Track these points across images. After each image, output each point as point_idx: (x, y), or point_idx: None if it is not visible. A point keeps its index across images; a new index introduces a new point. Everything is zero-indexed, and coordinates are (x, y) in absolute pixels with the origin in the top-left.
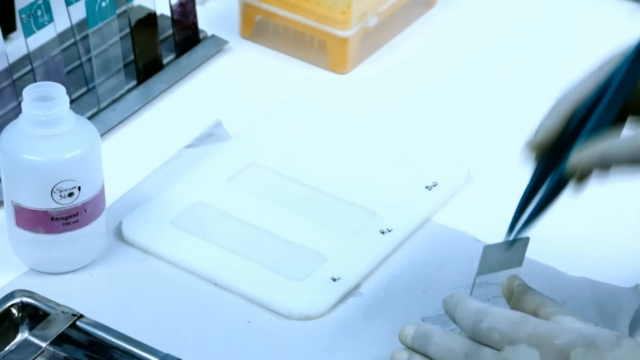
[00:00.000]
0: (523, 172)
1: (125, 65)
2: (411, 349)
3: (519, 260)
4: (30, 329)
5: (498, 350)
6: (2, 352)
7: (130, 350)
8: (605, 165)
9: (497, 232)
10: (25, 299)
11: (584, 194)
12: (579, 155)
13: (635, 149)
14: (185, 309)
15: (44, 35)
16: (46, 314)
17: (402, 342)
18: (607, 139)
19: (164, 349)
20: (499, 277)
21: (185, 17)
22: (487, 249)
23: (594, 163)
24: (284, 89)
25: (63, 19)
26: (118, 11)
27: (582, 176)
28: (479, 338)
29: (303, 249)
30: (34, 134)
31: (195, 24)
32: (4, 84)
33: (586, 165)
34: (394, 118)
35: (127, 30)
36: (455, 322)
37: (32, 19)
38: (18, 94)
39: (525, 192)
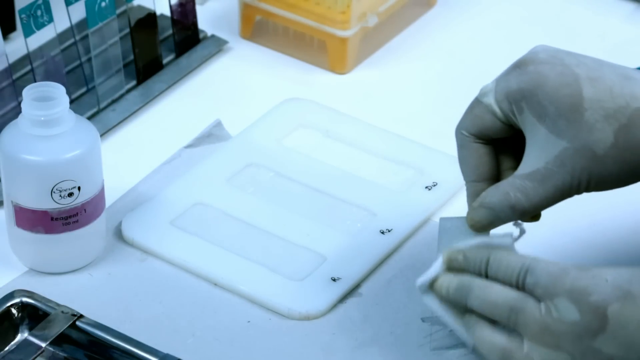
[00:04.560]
0: None
1: (125, 65)
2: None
3: (484, 236)
4: (30, 329)
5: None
6: (2, 352)
7: (130, 350)
8: (494, 224)
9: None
10: (25, 299)
11: (584, 194)
12: (473, 215)
13: (511, 208)
14: (185, 309)
15: (43, 35)
16: (46, 314)
17: (438, 294)
18: (489, 195)
19: (164, 349)
20: None
21: (185, 17)
22: (444, 220)
23: (486, 225)
24: (284, 89)
25: (63, 19)
26: (118, 11)
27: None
28: (522, 291)
29: (303, 249)
30: (34, 134)
31: (195, 24)
32: (4, 84)
33: (479, 227)
34: (394, 118)
35: (127, 30)
36: (487, 274)
37: (32, 19)
38: (18, 94)
39: None
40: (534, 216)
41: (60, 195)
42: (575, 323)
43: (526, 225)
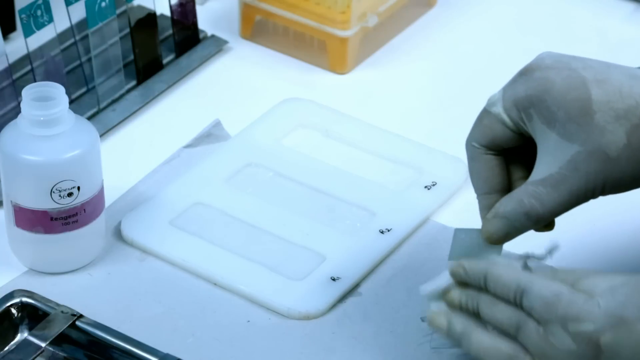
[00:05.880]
0: None
1: (125, 65)
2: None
3: (497, 249)
4: (30, 329)
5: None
6: (1, 352)
7: (130, 350)
8: (510, 236)
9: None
10: (24, 299)
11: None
12: (487, 228)
13: (525, 215)
14: (184, 309)
15: (43, 35)
16: (46, 314)
17: (450, 304)
18: (502, 205)
19: (164, 349)
20: None
21: (185, 17)
22: (459, 232)
23: (502, 238)
24: (284, 89)
25: (63, 19)
26: (118, 11)
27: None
28: (521, 310)
29: (302, 249)
30: (34, 134)
31: (195, 24)
32: (4, 84)
33: (495, 240)
34: (394, 118)
35: (127, 30)
36: (485, 289)
37: (32, 19)
38: (18, 94)
39: None
40: (547, 225)
41: (59, 195)
42: (571, 351)
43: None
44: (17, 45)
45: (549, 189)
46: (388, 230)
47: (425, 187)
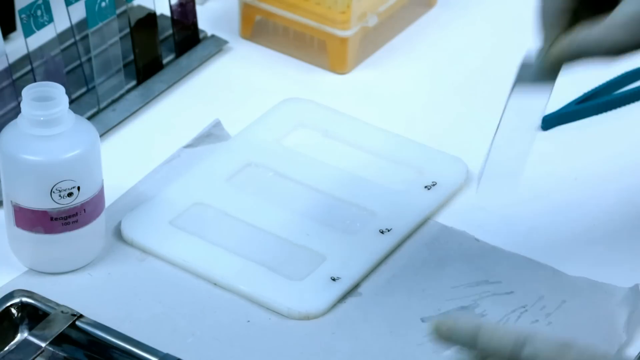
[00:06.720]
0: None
1: (125, 65)
2: None
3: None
4: (30, 328)
5: None
6: (1, 352)
7: (130, 350)
8: (580, 56)
9: (497, 232)
10: (24, 299)
11: (585, 194)
12: (559, 47)
13: (608, 44)
14: (184, 309)
15: (43, 35)
16: (46, 314)
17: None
18: (583, 31)
19: (164, 349)
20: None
21: (185, 17)
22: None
23: (572, 55)
24: (284, 89)
25: (63, 19)
26: (118, 11)
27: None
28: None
29: (302, 249)
30: (33, 134)
31: (195, 24)
32: (4, 84)
33: (564, 57)
34: (394, 118)
35: (127, 30)
36: (477, 346)
37: (32, 19)
38: (18, 94)
39: None
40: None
41: (59, 195)
42: None
43: (524, 220)
44: (17, 45)
45: (626, 23)
46: (388, 230)
47: (425, 187)
